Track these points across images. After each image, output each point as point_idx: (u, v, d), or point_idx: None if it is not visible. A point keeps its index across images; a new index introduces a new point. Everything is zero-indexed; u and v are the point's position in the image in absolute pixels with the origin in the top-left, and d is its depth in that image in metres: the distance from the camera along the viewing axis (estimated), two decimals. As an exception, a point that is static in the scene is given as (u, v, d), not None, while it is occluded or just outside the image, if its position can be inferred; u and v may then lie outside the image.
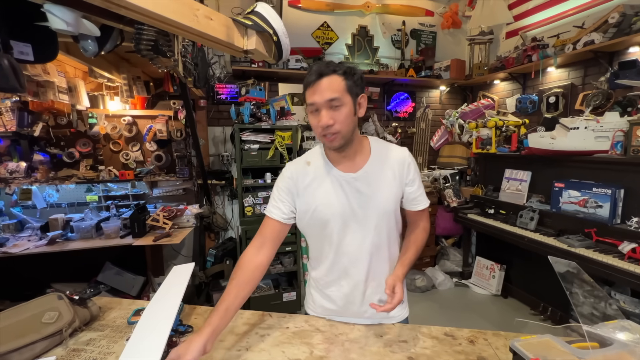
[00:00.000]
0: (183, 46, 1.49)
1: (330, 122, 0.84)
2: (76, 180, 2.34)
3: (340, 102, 0.84)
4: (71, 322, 0.97)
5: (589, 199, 2.01)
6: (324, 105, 0.84)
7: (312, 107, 0.86)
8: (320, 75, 0.84)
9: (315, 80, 0.84)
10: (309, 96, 0.86)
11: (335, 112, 0.84)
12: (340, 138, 0.87)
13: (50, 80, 1.77)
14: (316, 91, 0.84)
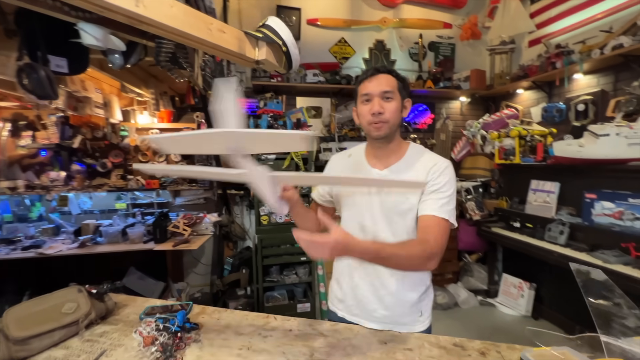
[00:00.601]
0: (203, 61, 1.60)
1: (381, 110, 0.93)
2: (107, 188, 2.51)
3: (392, 95, 0.94)
4: (88, 313, 1.02)
5: (625, 211, 1.86)
6: (378, 95, 0.94)
7: (364, 97, 0.96)
8: (377, 71, 0.97)
9: (372, 75, 0.96)
10: (364, 88, 0.96)
11: (387, 103, 0.94)
12: (387, 128, 0.95)
13: (88, 96, 1.96)
14: (372, 82, 0.95)
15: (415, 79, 3.32)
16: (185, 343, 0.94)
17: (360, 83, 0.99)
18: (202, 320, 1.09)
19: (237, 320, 1.10)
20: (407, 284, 1.02)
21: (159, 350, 0.88)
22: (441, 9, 3.50)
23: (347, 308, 1.08)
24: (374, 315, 1.04)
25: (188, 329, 1.02)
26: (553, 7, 2.86)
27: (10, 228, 2.40)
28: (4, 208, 2.49)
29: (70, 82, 1.70)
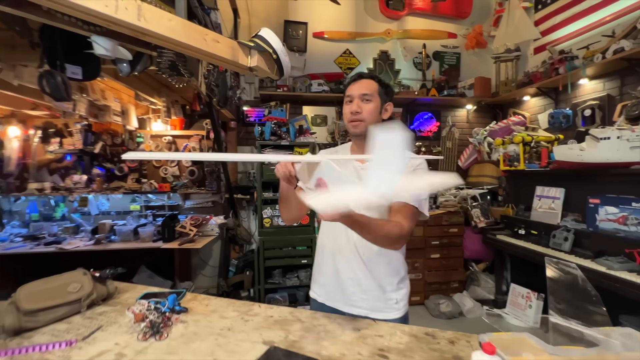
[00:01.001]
0: (207, 70, 1.74)
1: (358, 109, 1.04)
2: (123, 190, 2.70)
3: (370, 98, 1.05)
4: (90, 294, 1.13)
5: (629, 216, 1.80)
6: (357, 97, 1.05)
7: (348, 99, 1.08)
8: (360, 76, 1.09)
9: (356, 80, 1.09)
10: (348, 90, 1.08)
11: (365, 104, 1.05)
12: (364, 126, 1.05)
13: (107, 105, 2.15)
14: (355, 86, 1.07)
15: (419, 88, 3.38)
16: (172, 322, 1.02)
17: (347, 86, 1.11)
18: (192, 305, 1.17)
19: (223, 306, 1.17)
20: (385, 270, 1.09)
21: (147, 326, 0.96)
22: (445, 19, 3.57)
23: (327, 294, 1.14)
24: (352, 299, 1.09)
25: (177, 311, 1.10)
26: (557, 14, 2.87)
27: (36, 226, 2.61)
28: (32, 208, 2.72)
29: (91, 92, 1.89)
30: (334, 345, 0.90)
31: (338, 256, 1.10)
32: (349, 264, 1.09)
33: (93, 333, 0.97)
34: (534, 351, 0.72)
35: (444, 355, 0.86)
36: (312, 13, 3.35)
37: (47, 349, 0.88)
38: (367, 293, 1.08)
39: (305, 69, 3.32)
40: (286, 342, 0.92)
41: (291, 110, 3.22)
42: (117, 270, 1.28)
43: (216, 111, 2.21)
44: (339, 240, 1.10)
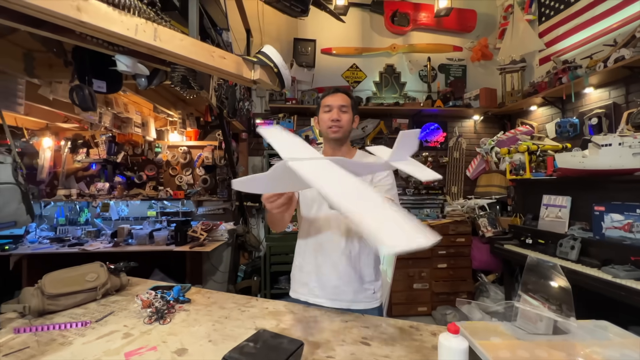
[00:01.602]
0: (218, 84, 1.90)
1: (338, 118, 1.19)
2: (142, 197, 2.88)
3: (347, 109, 1.21)
4: (105, 283, 1.25)
5: (635, 223, 1.77)
6: (337, 107, 1.19)
7: (326, 108, 1.21)
8: (337, 90, 1.25)
9: (333, 92, 1.24)
10: (327, 101, 1.22)
11: (343, 114, 1.20)
12: (342, 132, 1.20)
13: (129, 117, 2.35)
14: (333, 98, 1.22)
15: (425, 99, 3.45)
16: (175, 310, 1.12)
17: (323, 97, 1.25)
18: (195, 297, 1.27)
19: (224, 299, 1.26)
20: (365, 262, 1.18)
21: (153, 312, 1.06)
22: (450, 33, 3.66)
23: (310, 291, 1.21)
24: (334, 293, 1.15)
25: (181, 301, 1.20)
26: (560, 25, 2.90)
27: (63, 230, 2.82)
28: (60, 212, 2.95)
29: (115, 105, 2.08)
30: (320, 333, 0.97)
31: (320, 253, 1.18)
32: (331, 260, 1.16)
33: (105, 317, 1.08)
34: (502, 336, 0.76)
35: (423, 345, 0.90)
36: (320, 30, 3.54)
37: (65, 327, 1.00)
38: (349, 285, 1.15)
39: (314, 83, 3.47)
40: (277, 329, 0.99)
41: (299, 122, 3.36)
42: (130, 264, 1.40)
43: (227, 122, 2.37)
44: (321, 238, 1.18)
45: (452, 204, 3.36)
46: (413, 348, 0.88)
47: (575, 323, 0.74)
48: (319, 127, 1.26)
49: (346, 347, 0.89)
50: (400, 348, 0.89)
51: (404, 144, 0.90)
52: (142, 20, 1.10)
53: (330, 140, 1.22)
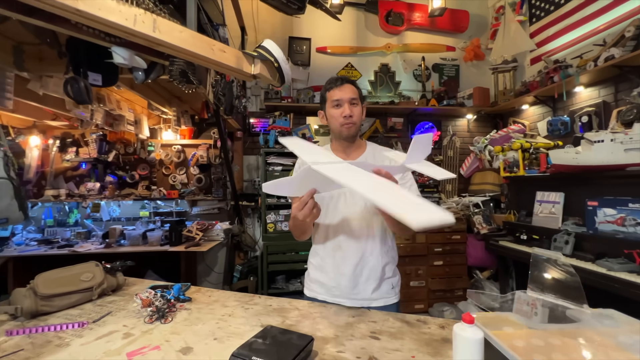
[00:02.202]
0: (215, 80, 1.87)
1: (351, 113, 1.11)
2: (134, 197, 2.81)
3: (357, 102, 1.14)
4: (101, 283, 1.20)
5: (627, 217, 1.82)
6: (347, 101, 1.12)
7: (335, 102, 1.13)
8: (344, 81, 1.16)
9: (341, 84, 1.14)
10: (334, 94, 1.13)
11: (354, 108, 1.13)
12: (355, 128, 1.14)
13: (122, 114, 2.29)
14: (342, 90, 1.13)
15: (419, 98, 3.48)
16: (177, 309, 1.09)
17: (329, 90, 1.16)
18: (195, 296, 1.24)
19: (225, 297, 1.23)
20: (385, 259, 1.16)
21: (153, 311, 1.03)
22: (443, 33, 3.71)
23: (328, 290, 1.18)
24: (354, 292, 1.13)
25: (182, 300, 1.17)
26: (551, 26, 2.97)
27: (51, 231, 2.73)
28: (47, 213, 2.85)
29: (108, 102, 2.03)
30: (328, 329, 0.95)
31: (338, 253, 1.15)
32: (350, 260, 1.13)
33: (103, 317, 1.04)
34: (514, 326, 0.76)
35: (433, 338, 0.90)
36: (315, 29, 3.53)
37: (61, 329, 0.95)
38: (368, 284, 1.13)
39: (309, 82, 3.46)
40: (283, 326, 0.97)
41: (295, 121, 3.34)
42: (127, 263, 1.35)
43: (223, 120, 2.33)
44: (339, 239, 1.15)
45: (447, 201, 3.40)
46: (423, 341, 0.88)
47: (588, 310, 0.75)
48: (327, 123, 1.19)
49: (355, 341, 0.88)
50: (410, 341, 0.88)
51: (417, 148, 0.95)
52: (141, 10, 1.07)
53: (342, 137, 1.17)
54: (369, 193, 0.61)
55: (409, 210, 0.54)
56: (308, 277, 1.26)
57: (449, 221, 0.53)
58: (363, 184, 0.67)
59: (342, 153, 1.20)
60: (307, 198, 0.87)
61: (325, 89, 1.18)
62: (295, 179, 0.80)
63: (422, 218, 0.52)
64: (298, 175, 0.78)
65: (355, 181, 0.67)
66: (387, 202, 0.57)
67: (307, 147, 0.97)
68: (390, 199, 0.59)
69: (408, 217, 0.52)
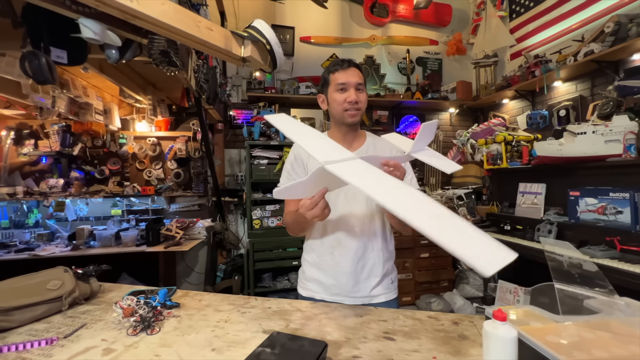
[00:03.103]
0: (196, 65, 1.71)
1: (357, 99, 1.04)
2: (104, 194, 2.57)
3: (363, 88, 1.07)
4: (71, 291, 1.05)
5: (608, 205, 1.89)
6: (353, 86, 1.04)
7: (340, 86, 1.05)
8: (351, 63, 1.07)
9: (347, 67, 1.05)
10: (339, 77, 1.05)
11: (360, 94, 1.05)
12: (359, 115, 1.07)
13: (89, 103, 2.07)
14: (348, 74, 1.04)
15: (404, 91, 3.47)
16: (164, 317, 0.97)
17: (333, 72, 1.07)
18: (184, 301, 1.12)
19: (218, 301, 1.12)
20: (385, 255, 1.10)
21: (137, 321, 0.90)
22: (427, 27, 3.71)
23: (327, 289, 1.11)
24: (353, 290, 1.07)
25: (169, 306, 1.04)
26: (530, 22, 3.05)
27: (6, 233, 2.44)
28: (2, 214, 2.54)
29: (72, 87, 1.80)
30: (337, 331, 0.88)
31: (337, 250, 1.07)
32: (350, 257, 1.06)
33: (76, 331, 0.90)
34: (541, 320, 0.73)
35: (449, 335, 0.85)
36: (299, 18, 3.40)
37: (24, 348, 0.81)
38: (368, 281, 1.08)
39: (293, 72, 3.34)
40: (287, 330, 0.88)
41: (279, 112, 3.21)
42: (102, 268, 1.20)
43: (204, 110, 2.17)
44: (339, 235, 1.07)
45: (432, 194, 3.43)
46: (440, 340, 0.83)
47: (622, 301, 0.72)
48: (329, 108, 1.11)
49: (370, 344, 0.81)
50: (426, 340, 0.82)
51: (424, 135, 0.91)
52: (116, -26, 0.92)
53: (344, 124, 1.09)
54: (407, 214, 0.51)
55: (479, 255, 0.44)
56: (303, 275, 1.18)
57: (514, 258, 0.45)
58: (396, 197, 0.58)
59: (342, 142, 1.12)
60: (319, 198, 0.79)
61: (329, 71, 1.09)
62: (308, 181, 0.72)
63: (495, 263, 0.43)
64: (311, 176, 0.70)
65: (382, 191, 0.59)
66: (445, 238, 0.46)
67: (300, 129, 0.85)
68: (444, 230, 0.49)
69: (479, 263, 0.43)
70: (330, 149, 0.76)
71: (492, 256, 0.44)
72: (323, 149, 0.74)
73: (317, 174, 0.68)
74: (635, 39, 1.95)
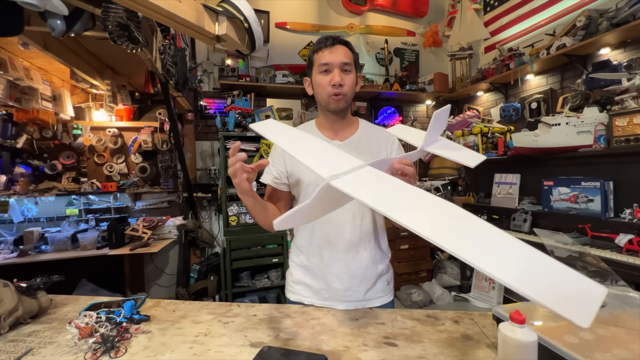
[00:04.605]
0: (162, 45, 1.52)
1: (342, 82, 0.91)
2: (56, 192, 2.29)
3: (350, 68, 0.93)
4: (13, 310, 0.87)
5: (579, 194, 1.97)
6: (338, 67, 0.91)
7: (323, 67, 0.93)
8: (336, 41, 0.93)
9: (332, 44, 0.92)
10: (322, 57, 0.92)
11: (346, 76, 0.92)
12: (345, 101, 0.95)
13: (34, 87, 1.79)
14: (332, 53, 0.92)
15: (383, 82, 3.42)
16: (131, 334, 0.83)
17: (317, 51, 0.95)
18: (154, 313, 0.98)
19: (195, 310, 0.99)
20: (377, 256, 1.02)
21: (98, 342, 0.76)
22: (404, 17, 3.68)
23: (316, 293, 1.02)
24: (346, 295, 0.98)
25: (137, 320, 0.90)
26: (504, 15, 3.11)
27: None
28: None
29: (11, 68, 1.54)
30: (334, 339, 0.79)
31: (327, 251, 0.98)
32: (342, 259, 0.98)
33: (20, 358, 0.74)
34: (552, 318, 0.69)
35: (452, 336, 0.80)
36: (274, 2, 3.22)
37: (-53, 388, 0.64)
38: (362, 285, 0.99)
39: (268, 60, 3.17)
40: (278, 342, 0.79)
41: (255, 103, 3.04)
42: (52, 279, 1.02)
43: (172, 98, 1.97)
44: (329, 235, 0.98)
45: (410, 186, 3.45)
46: (445, 342, 0.77)
47: (636, 294, 0.70)
48: (314, 93, 0.99)
49: (371, 352, 0.73)
50: (430, 344, 0.77)
51: (437, 125, 0.79)
52: None
53: (330, 111, 0.97)
54: (455, 248, 0.39)
55: (570, 307, 0.33)
56: (291, 277, 1.08)
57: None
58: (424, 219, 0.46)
59: (330, 131, 1.03)
60: (235, 161, 0.75)
61: (313, 50, 0.96)
62: (313, 203, 0.59)
63: (591, 311, 0.33)
64: (315, 196, 0.59)
65: (407, 213, 0.47)
66: (526, 285, 0.35)
67: (289, 134, 0.77)
68: (521, 273, 0.37)
69: (574, 317, 0.32)
70: (333, 158, 0.66)
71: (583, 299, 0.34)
72: (325, 160, 0.64)
73: (322, 192, 0.57)
74: (605, 33, 2.02)
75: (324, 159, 0.65)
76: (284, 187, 1.02)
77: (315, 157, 0.66)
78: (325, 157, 0.66)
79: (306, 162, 0.64)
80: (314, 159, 0.65)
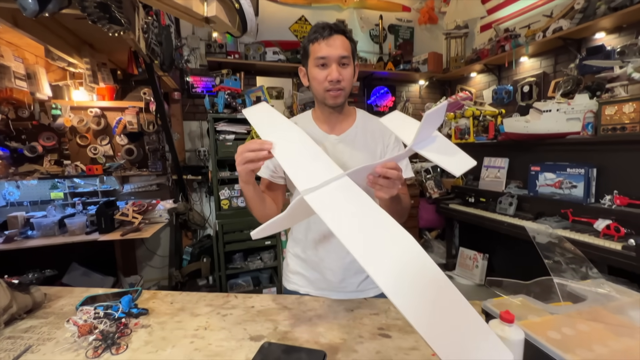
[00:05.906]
0: (145, 23, 1.42)
1: (340, 77, 0.87)
2: (39, 175, 2.20)
3: (348, 61, 0.88)
4: (7, 307, 0.87)
5: (564, 180, 2.03)
6: (335, 61, 0.86)
7: (320, 61, 0.87)
8: (333, 31, 0.86)
9: (328, 35, 0.86)
10: (319, 50, 0.87)
11: (344, 70, 0.88)
12: (343, 96, 0.92)
13: (5, 65, 1.66)
14: (330, 45, 0.86)
15: (377, 61, 3.34)
16: (131, 329, 0.84)
17: (313, 42, 0.89)
18: (152, 305, 0.99)
19: (193, 302, 1.01)
20: None
21: (98, 339, 0.77)
22: (400, -9, 3.53)
23: (312, 283, 1.05)
24: (340, 286, 1.02)
25: (135, 315, 0.91)
26: (502, -7, 3.02)
27: None
28: None
29: (-23, 45, 1.41)
30: (330, 331, 0.83)
31: (322, 245, 1.00)
32: (337, 253, 1.00)
33: (19, 357, 0.74)
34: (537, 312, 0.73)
35: (443, 326, 0.84)
36: (262, -29, 3.01)
37: (-52, 390, 0.65)
38: (355, 277, 1.03)
39: (258, 36, 3.02)
40: (277, 335, 0.81)
41: (244, 81, 2.93)
42: (44, 273, 1.01)
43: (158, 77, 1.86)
44: (322, 227, 0.99)
45: (401, 168, 3.48)
46: (435, 332, 0.81)
47: (610, 287, 0.74)
48: (310, 85, 0.95)
49: (367, 344, 0.77)
50: (422, 335, 0.80)
51: (428, 125, 0.71)
52: None
53: (327, 105, 0.94)
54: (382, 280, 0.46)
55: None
56: (287, 267, 1.11)
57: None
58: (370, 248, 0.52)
59: (326, 124, 1.01)
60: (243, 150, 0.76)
61: (309, 40, 0.90)
62: (288, 214, 0.63)
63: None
64: (290, 209, 0.61)
65: (359, 242, 0.54)
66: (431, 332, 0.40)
67: (278, 126, 0.76)
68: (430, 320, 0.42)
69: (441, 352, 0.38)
70: (315, 163, 0.66)
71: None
72: (305, 167, 0.65)
73: (297, 205, 0.59)
74: (602, 17, 2.00)
75: (305, 166, 0.66)
76: (280, 180, 1.02)
77: (296, 163, 0.67)
78: (306, 163, 0.67)
79: (286, 168, 0.65)
80: (294, 164, 0.66)
